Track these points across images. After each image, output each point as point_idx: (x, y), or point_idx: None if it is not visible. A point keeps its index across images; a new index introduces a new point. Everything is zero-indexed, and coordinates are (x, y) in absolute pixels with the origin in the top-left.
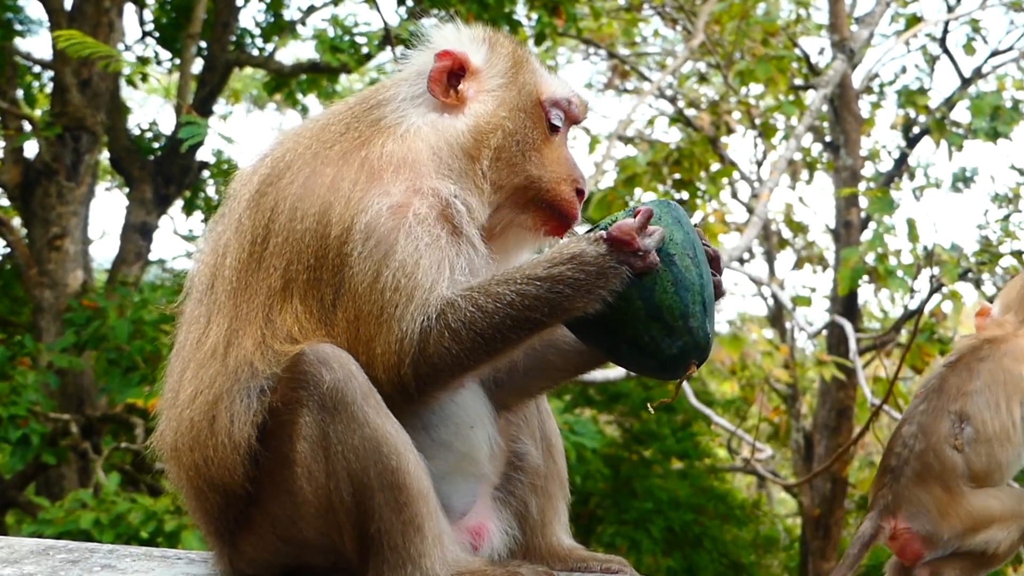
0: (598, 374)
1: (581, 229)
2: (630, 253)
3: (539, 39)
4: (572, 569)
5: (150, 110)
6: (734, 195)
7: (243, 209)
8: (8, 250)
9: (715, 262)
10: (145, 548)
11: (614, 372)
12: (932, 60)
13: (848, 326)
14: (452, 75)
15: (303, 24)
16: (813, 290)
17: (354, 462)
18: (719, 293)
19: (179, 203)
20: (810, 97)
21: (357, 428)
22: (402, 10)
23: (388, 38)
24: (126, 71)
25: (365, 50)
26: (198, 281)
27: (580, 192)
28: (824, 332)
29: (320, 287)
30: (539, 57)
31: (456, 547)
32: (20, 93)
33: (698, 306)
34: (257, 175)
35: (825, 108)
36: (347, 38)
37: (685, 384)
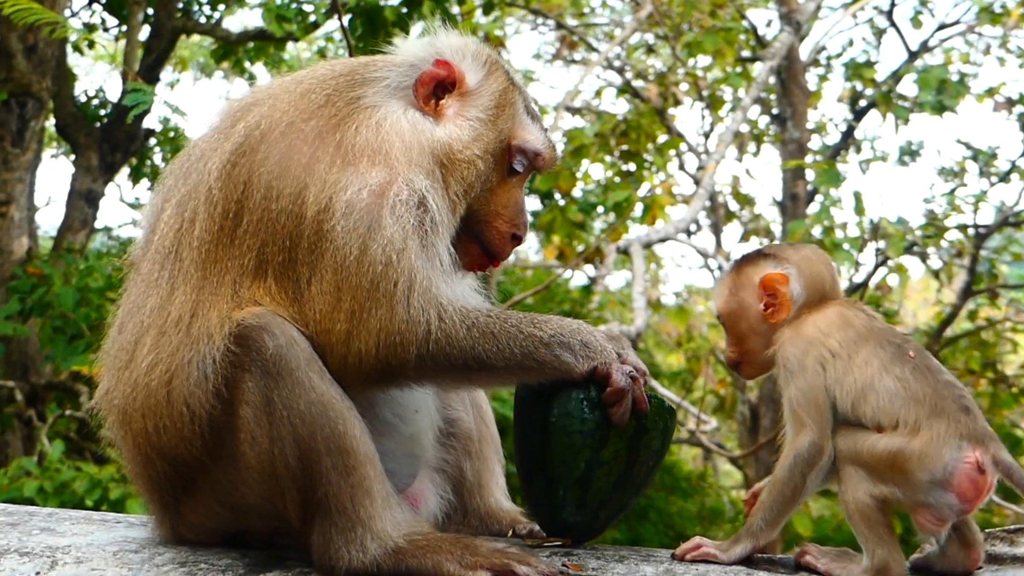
0: None
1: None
2: (613, 371)
3: (487, 9)
4: (506, 531)
5: (97, 77)
6: (681, 167)
7: (214, 178)
8: None
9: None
10: (85, 512)
11: None
12: (879, 33)
13: None
14: (440, 85)
15: None
16: None
17: (300, 427)
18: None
19: (125, 171)
20: (757, 69)
21: (303, 393)
22: None
23: (335, 7)
24: (72, 37)
25: (312, 18)
26: (159, 241)
27: (516, 237)
28: None
29: (296, 267)
30: (525, 90)
31: (403, 510)
32: None
33: (620, 505)
34: (230, 142)
35: (772, 81)
36: (294, 6)
37: None
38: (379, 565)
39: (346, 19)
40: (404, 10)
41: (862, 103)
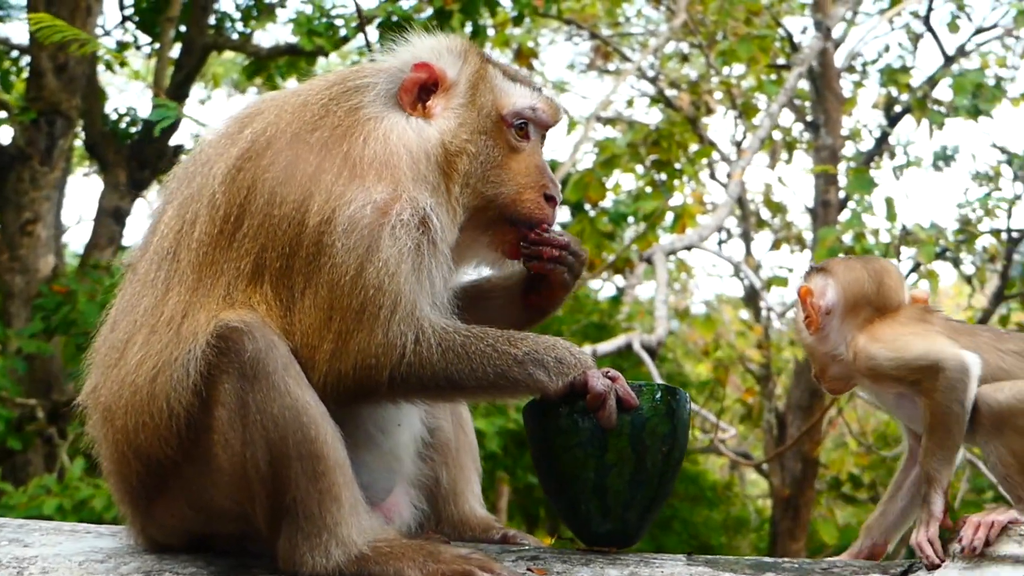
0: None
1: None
2: (589, 378)
3: (518, 20)
4: (479, 539)
5: (131, 95)
6: (713, 176)
7: (218, 183)
8: None
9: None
10: (55, 523)
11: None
12: (916, 38)
13: None
14: (423, 88)
15: (283, 6)
16: (791, 270)
17: (273, 431)
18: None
19: (154, 188)
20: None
21: (277, 397)
22: None
23: (361, 22)
24: (100, 54)
25: (343, 32)
26: (158, 243)
27: (550, 197)
28: None
29: (292, 275)
30: (504, 62)
31: (370, 517)
32: None
33: (646, 501)
34: (236, 147)
35: (807, 87)
36: (324, 20)
37: (650, 362)
38: (341, 571)
39: (375, 33)
40: (435, 23)
41: (897, 109)
